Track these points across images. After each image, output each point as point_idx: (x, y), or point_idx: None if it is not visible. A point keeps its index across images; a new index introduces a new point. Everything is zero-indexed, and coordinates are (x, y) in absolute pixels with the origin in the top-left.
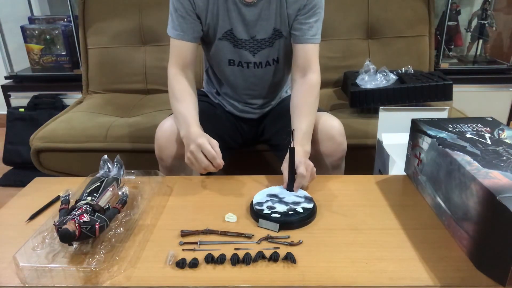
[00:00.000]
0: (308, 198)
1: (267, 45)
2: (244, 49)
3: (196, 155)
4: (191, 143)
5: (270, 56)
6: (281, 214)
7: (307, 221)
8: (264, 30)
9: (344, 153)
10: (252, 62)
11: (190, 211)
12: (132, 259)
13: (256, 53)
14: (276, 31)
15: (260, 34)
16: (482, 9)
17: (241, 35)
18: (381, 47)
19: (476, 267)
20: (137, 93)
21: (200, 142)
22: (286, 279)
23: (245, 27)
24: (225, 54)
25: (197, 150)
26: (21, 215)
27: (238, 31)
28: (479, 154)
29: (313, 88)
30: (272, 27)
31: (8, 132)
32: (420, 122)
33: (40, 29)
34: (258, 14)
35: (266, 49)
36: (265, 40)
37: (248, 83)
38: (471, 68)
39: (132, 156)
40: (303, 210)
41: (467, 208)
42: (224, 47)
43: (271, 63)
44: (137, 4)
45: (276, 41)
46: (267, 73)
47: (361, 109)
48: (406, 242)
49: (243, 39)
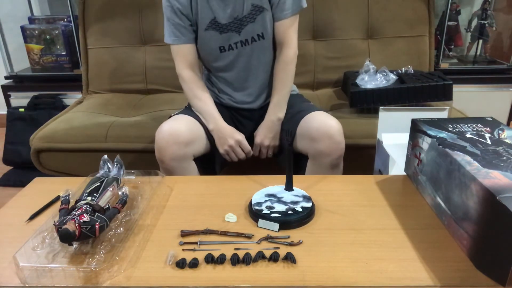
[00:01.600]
0: (306, 197)
1: (249, 21)
2: (230, 31)
3: (235, 149)
4: (228, 138)
5: (255, 31)
6: (280, 213)
7: (307, 220)
8: (243, 7)
9: (342, 152)
10: (239, 40)
11: (190, 211)
12: (132, 259)
13: (240, 31)
14: (255, 6)
15: (240, 12)
16: (482, 9)
17: (224, 19)
18: (381, 47)
19: (476, 267)
20: (137, 93)
21: (239, 138)
22: (286, 279)
23: (226, 11)
24: (214, 42)
25: (236, 145)
26: (21, 215)
27: (221, 17)
28: (479, 154)
29: (286, 65)
30: (250, 2)
31: (8, 132)
32: (420, 122)
33: (40, 29)
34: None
35: (249, 25)
36: (246, 17)
37: (240, 68)
38: (471, 68)
39: (132, 156)
40: (302, 209)
41: (467, 208)
42: (212, 36)
43: (256, 38)
44: (137, 4)
45: (257, 16)
46: (255, 50)
47: (361, 109)
48: (406, 242)
49: (227, 23)
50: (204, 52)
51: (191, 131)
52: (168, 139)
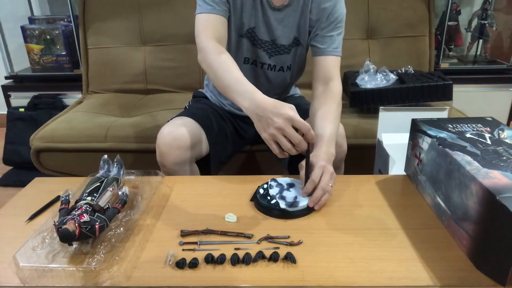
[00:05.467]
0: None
1: (285, 51)
2: (262, 50)
3: (286, 131)
4: (274, 116)
5: (286, 62)
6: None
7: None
8: (286, 37)
9: (344, 154)
10: (267, 63)
11: (190, 211)
12: (132, 259)
13: (272, 56)
14: (296, 40)
15: (281, 39)
16: (482, 9)
17: (262, 35)
18: (381, 47)
19: (476, 267)
20: (137, 93)
21: (291, 114)
22: (286, 279)
23: (267, 29)
24: (243, 52)
25: (287, 125)
26: (21, 215)
27: (261, 31)
28: (479, 154)
29: (335, 96)
30: (294, 35)
31: (8, 132)
32: (420, 122)
33: (40, 29)
34: (281, 19)
35: (284, 55)
36: (285, 47)
37: (257, 83)
38: (471, 68)
39: (132, 156)
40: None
41: (467, 208)
42: (244, 44)
43: (285, 69)
44: (137, 4)
45: (293, 48)
46: (278, 77)
47: (361, 109)
48: (406, 242)
49: (263, 40)
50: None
51: (193, 134)
52: (170, 144)
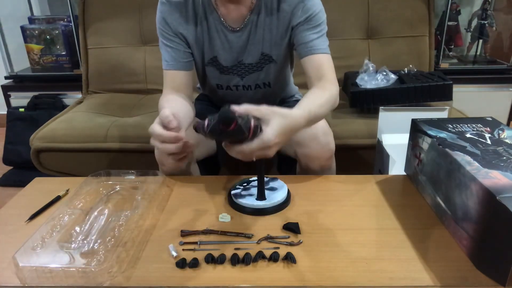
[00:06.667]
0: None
1: (255, 69)
2: (232, 74)
3: (158, 146)
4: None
5: (260, 79)
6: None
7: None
8: (251, 55)
9: (331, 153)
10: (241, 85)
11: (190, 211)
12: (132, 259)
13: (244, 77)
14: (265, 56)
15: (247, 59)
16: (482, 9)
17: (226, 62)
18: (381, 47)
19: (476, 267)
20: (137, 93)
21: (150, 130)
22: (286, 279)
23: (231, 54)
24: (212, 79)
25: (153, 140)
26: (21, 215)
27: (223, 58)
28: (479, 154)
29: (327, 90)
30: (260, 52)
31: (8, 132)
32: (420, 122)
33: (40, 29)
34: (245, 39)
35: (255, 73)
36: (252, 65)
37: (241, 102)
38: (471, 68)
39: (132, 156)
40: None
41: (467, 208)
42: (211, 72)
43: (262, 86)
44: (137, 4)
45: (265, 66)
46: (257, 94)
47: (361, 109)
48: (406, 242)
49: (228, 66)
50: (203, 83)
51: (194, 134)
52: None
